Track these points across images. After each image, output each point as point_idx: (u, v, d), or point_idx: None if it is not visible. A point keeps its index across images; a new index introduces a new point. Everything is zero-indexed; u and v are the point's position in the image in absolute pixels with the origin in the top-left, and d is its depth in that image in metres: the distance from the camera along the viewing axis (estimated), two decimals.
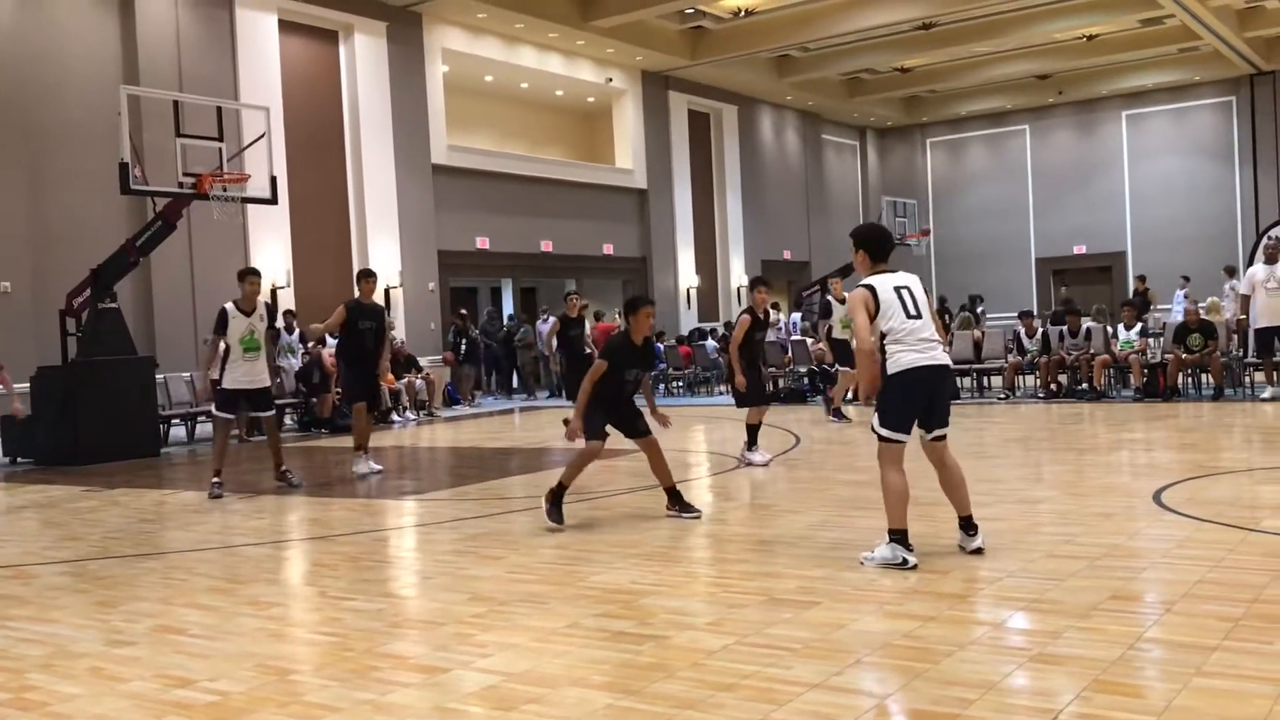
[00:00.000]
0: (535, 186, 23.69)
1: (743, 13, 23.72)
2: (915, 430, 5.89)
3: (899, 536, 5.72)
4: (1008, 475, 9.07)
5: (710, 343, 22.15)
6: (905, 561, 5.64)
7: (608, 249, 25.67)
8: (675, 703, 3.84)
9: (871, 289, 5.80)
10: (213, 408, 10.42)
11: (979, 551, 5.90)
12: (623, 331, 7.51)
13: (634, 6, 21.82)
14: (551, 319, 19.85)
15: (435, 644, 4.76)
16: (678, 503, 7.55)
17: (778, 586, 5.43)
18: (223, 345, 9.97)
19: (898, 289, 5.82)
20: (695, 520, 7.43)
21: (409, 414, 17.65)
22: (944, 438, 5.94)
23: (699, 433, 13.80)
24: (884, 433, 5.79)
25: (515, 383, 22.61)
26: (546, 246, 24.03)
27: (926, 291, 6.09)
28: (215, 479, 9.85)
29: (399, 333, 19.35)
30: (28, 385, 13.47)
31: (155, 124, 14.53)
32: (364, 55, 20.07)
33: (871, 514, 6.98)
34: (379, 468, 10.87)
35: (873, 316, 5.78)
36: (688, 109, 27.81)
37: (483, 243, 22.62)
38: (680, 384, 21.35)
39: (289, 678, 4.37)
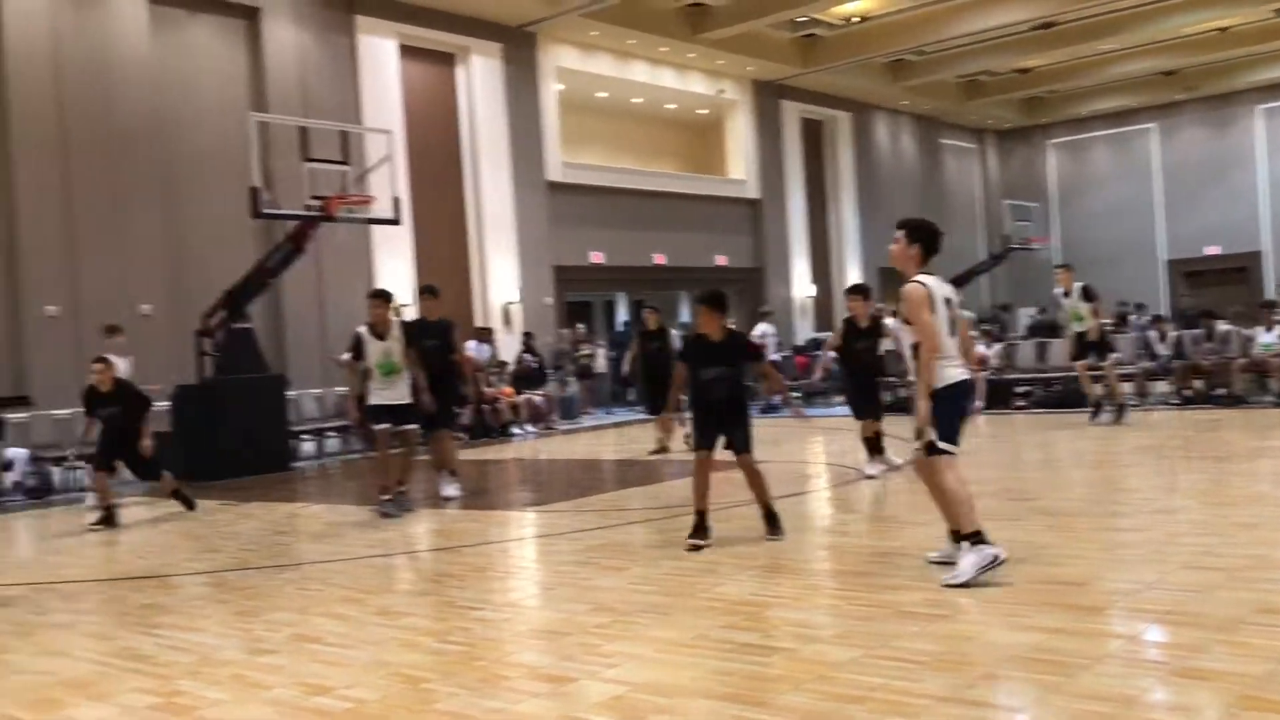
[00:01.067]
0: (648, 200, 23.81)
1: (856, 19, 23.51)
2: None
3: (979, 536, 5.54)
4: (1141, 484, 8.78)
5: (830, 353, 21.92)
6: (996, 557, 5.46)
7: (721, 260, 25.65)
8: (803, 715, 3.82)
9: (929, 291, 5.67)
10: (369, 425, 9.82)
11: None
12: (697, 331, 7.48)
13: (745, 17, 21.81)
14: (673, 331, 19.91)
15: (561, 654, 4.82)
16: (771, 521, 7.24)
17: (904, 599, 5.35)
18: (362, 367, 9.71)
19: (946, 300, 5.76)
20: (777, 541, 7.08)
21: (528, 427, 17.89)
22: None
23: (817, 444, 13.68)
24: (947, 447, 5.68)
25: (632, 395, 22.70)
26: (660, 259, 24.12)
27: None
28: (384, 496, 9.44)
29: (512, 347, 19.61)
30: (168, 404, 14.01)
31: (283, 149, 15.04)
32: (480, 76, 20.48)
33: (1001, 524, 6.83)
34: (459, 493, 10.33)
35: None
36: (800, 117, 27.65)
37: (597, 257, 22.83)
38: (798, 395, 21.18)
39: (421, 686, 4.48)
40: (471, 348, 17.72)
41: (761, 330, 21.26)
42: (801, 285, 27.35)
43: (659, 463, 12.56)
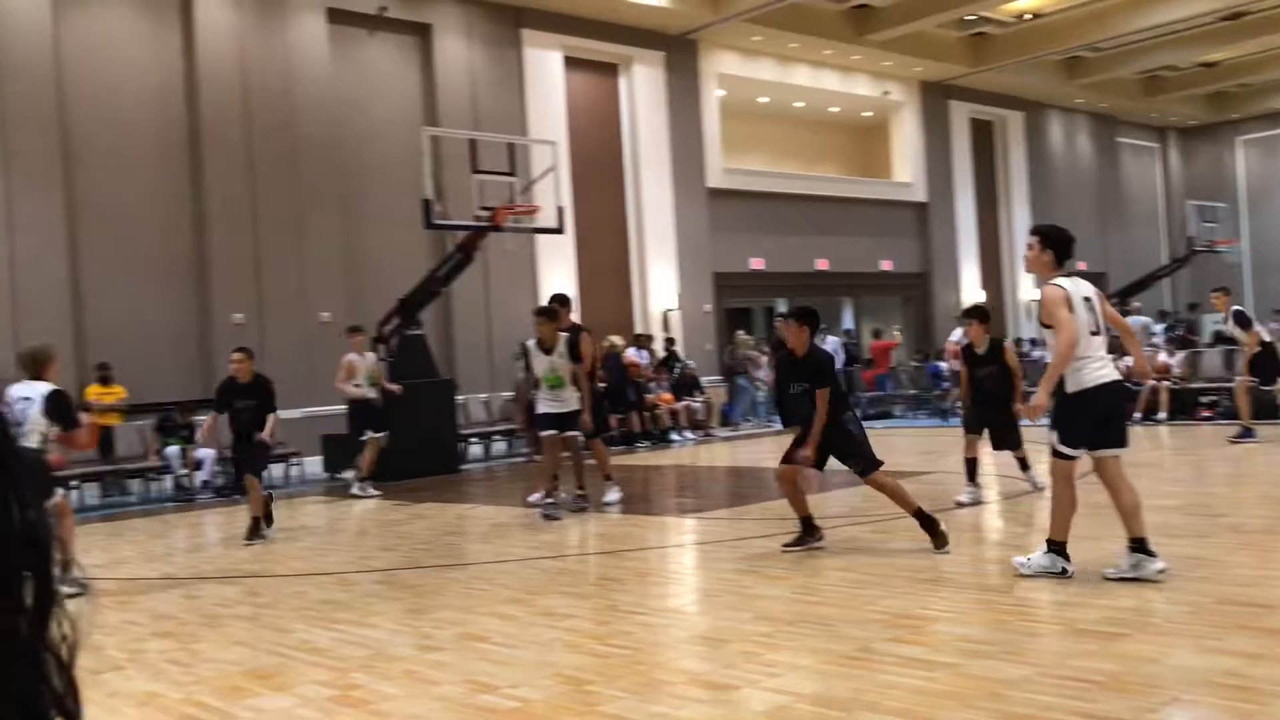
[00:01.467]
0: (810, 205, 23.57)
1: (1028, 15, 22.78)
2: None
3: (1059, 548, 5.85)
4: None
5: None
6: (1065, 570, 5.81)
7: (886, 265, 25.18)
8: None
9: (1066, 292, 5.76)
10: (535, 430, 10.01)
11: (1163, 574, 5.61)
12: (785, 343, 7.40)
13: (912, 17, 21.39)
14: (831, 338, 19.69)
15: (724, 661, 4.80)
16: (929, 529, 6.95)
17: (1079, 616, 5.14)
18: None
19: (1086, 300, 5.81)
20: (944, 554, 6.82)
21: (687, 433, 17.93)
22: (1119, 457, 5.82)
23: (984, 455, 13.23)
24: (1065, 450, 5.75)
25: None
26: (822, 265, 23.84)
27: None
28: (548, 499, 9.61)
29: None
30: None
31: (452, 162, 15.48)
32: (643, 85, 20.66)
33: (1187, 540, 6.50)
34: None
35: None
36: (969, 118, 26.94)
37: (757, 263, 22.72)
38: (958, 404, 20.64)
39: (584, 688, 4.52)
40: (631, 354, 17.90)
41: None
42: (971, 291, 26.60)
43: (815, 473, 12.40)
